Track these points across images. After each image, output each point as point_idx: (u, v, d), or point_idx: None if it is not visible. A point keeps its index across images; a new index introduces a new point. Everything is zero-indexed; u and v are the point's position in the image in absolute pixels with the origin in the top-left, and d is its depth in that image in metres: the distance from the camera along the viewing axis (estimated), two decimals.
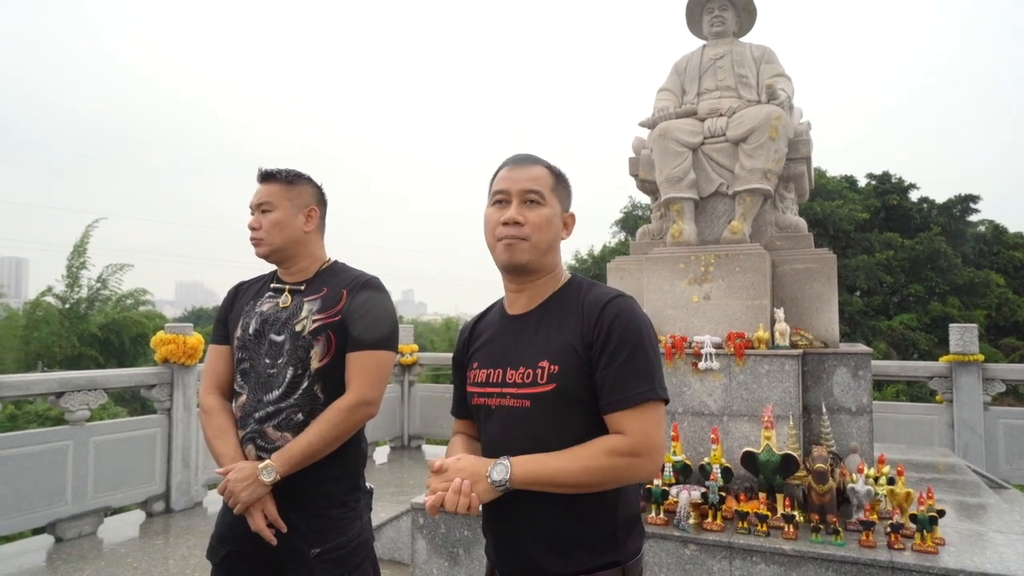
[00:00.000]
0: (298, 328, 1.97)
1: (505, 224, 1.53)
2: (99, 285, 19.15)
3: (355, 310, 1.98)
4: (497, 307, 1.73)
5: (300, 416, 1.93)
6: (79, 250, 18.37)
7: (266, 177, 2.10)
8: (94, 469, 5.28)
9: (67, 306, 18.18)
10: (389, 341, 2.02)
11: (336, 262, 2.19)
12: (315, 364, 1.95)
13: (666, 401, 1.48)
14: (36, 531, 5.29)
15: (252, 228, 2.07)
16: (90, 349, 17.89)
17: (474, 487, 1.42)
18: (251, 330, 2.03)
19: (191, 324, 6.37)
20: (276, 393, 1.95)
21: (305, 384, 1.95)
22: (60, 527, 5.05)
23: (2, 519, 4.70)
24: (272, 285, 2.13)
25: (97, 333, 18.23)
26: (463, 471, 1.44)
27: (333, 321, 1.98)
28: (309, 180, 2.16)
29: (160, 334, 6.14)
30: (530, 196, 1.54)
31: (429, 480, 1.48)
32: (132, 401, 15.73)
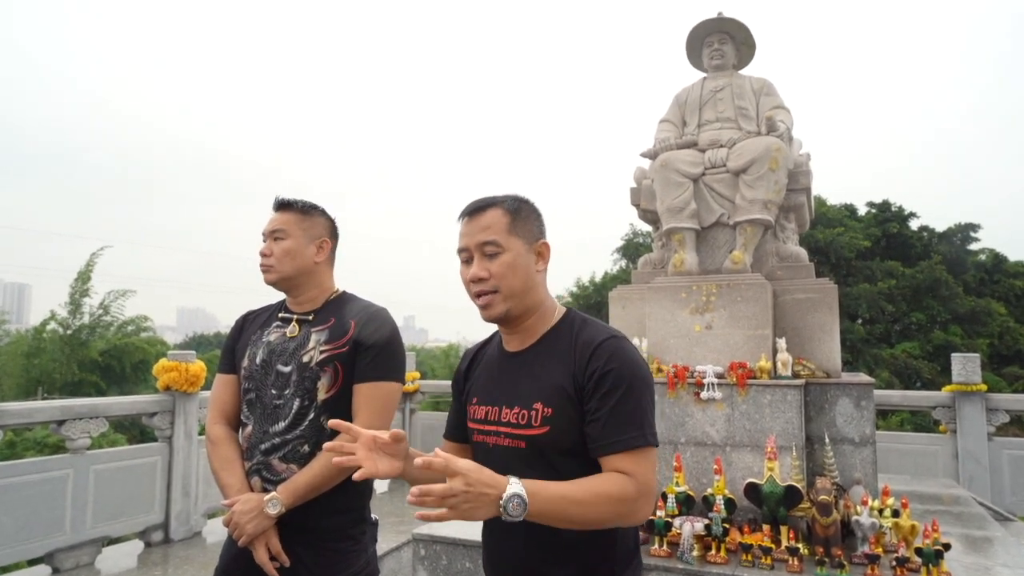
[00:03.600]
0: (305, 359, 1.97)
1: (473, 282, 1.55)
2: (101, 311, 19.18)
3: (362, 341, 1.99)
4: (497, 339, 1.74)
5: (306, 448, 1.93)
6: (83, 277, 18.44)
7: (282, 206, 2.13)
8: (93, 498, 5.24)
9: (69, 332, 18.19)
10: (396, 372, 2.03)
11: (344, 292, 2.20)
12: (322, 395, 1.95)
13: (656, 446, 1.48)
14: (33, 561, 5.23)
15: (263, 255, 2.08)
16: (91, 375, 17.86)
17: (479, 504, 1.25)
18: (258, 360, 2.03)
19: (193, 352, 6.38)
20: (282, 424, 1.95)
21: (311, 415, 1.95)
22: (58, 557, 5.00)
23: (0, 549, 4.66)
24: (280, 315, 2.14)
25: (98, 359, 18.20)
26: (482, 481, 1.25)
27: (341, 352, 1.98)
28: (324, 213, 2.19)
29: (163, 361, 6.14)
30: (486, 248, 1.53)
31: (447, 491, 1.24)
32: (132, 428, 15.65)
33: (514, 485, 1.28)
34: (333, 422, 1.45)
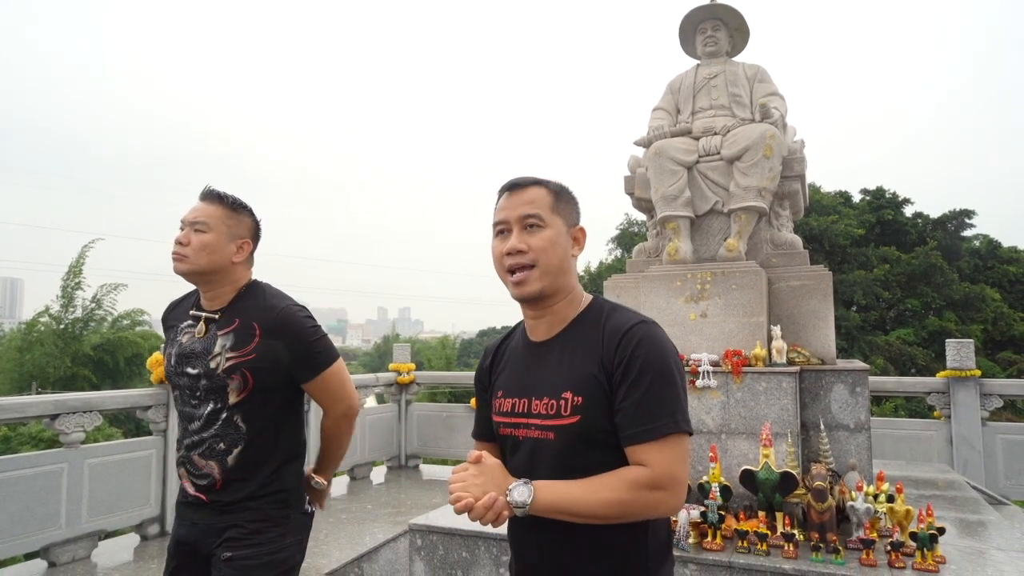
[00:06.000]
0: (212, 365, 1.96)
1: (509, 254, 1.49)
2: (93, 305, 19.11)
3: (281, 350, 1.97)
4: (520, 331, 1.68)
5: (222, 445, 1.96)
6: (74, 270, 18.35)
7: (211, 197, 2.07)
8: (88, 492, 5.23)
9: (62, 327, 18.11)
10: (329, 355, 2.06)
11: (253, 283, 2.12)
12: (232, 399, 1.96)
13: (690, 433, 1.43)
14: (29, 556, 5.22)
15: (179, 242, 2.01)
16: (84, 369, 17.81)
17: (486, 485, 1.41)
18: (173, 361, 2.05)
19: None
20: (197, 424, 1.98)
21: (225, 415, 1.96)
22: (53, 551, 4.98)
23: None
24: (191, 312, 2.10)
25: (91, 354, 18.15)
26: (492, 470, 1.43)
27: (247, 360, 1.95)
28: (251, 213, 2.14)
29: (156, 355, 6.10)
30: (529, 221, 1.49)
31: (459, 469, 1.45)
32: (127, 422, 15.63)
33: (523, 481, 1.41)
34: (473, 454, 1.50)
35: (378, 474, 8.33)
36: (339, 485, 7.51)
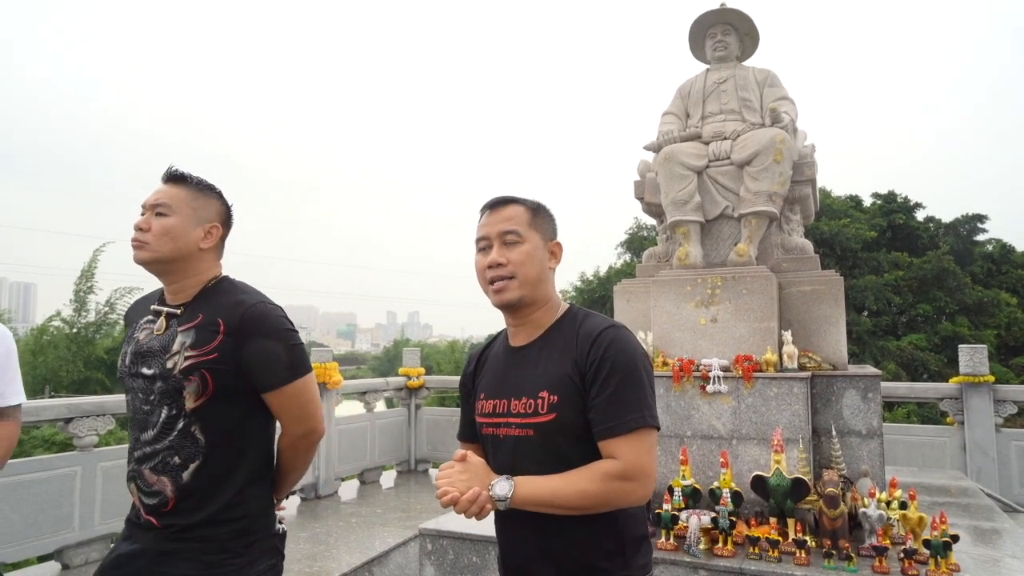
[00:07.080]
0: (169, 364, 1.75)
1: (490, 267, 1.62)
2: (107, 309, 19.23)
3: (245, 352, 1.75)
4: (501, 338, 1.81)
5: (177, 460, 1.73)
6: (87, 274, 18.45)
7: (173, 178, 1.87)
8: (101, 495, 5.27)
9: (75, 330, 18.24)
10: (300, 366, 1.82)
11: (224, 279, 1.91)
12: (190, 404, 1.74)
13: (657, 428, 1.53)
14: (42, 558, 5.26)
15: (139, 228, 1.81)
16: (97, 373, 17.92)
17: (471, 480, 1.51)
18: (127, 361, 1.85)
19: None
20: (151, 433, 1.76)
21: (181, 425, 1.74)
22: (67, 554, 5.03)
23: (9, 546, 4.69)
24: (153, 307, 1.91)
25: (104, 357, 18.25)
26: (476, 467, 1.54)
27: (207, 360, 1.73)
28: (220, 196, 1.94)
29: None
30: (507, 237, 1.62)
31: (446, 467, 1.55)
32: None
33: (504, 476, 1.51)
34: (459, 454, 1.54)
35: (388, 478, 8.35)
36: (349, 489, 7.53)
